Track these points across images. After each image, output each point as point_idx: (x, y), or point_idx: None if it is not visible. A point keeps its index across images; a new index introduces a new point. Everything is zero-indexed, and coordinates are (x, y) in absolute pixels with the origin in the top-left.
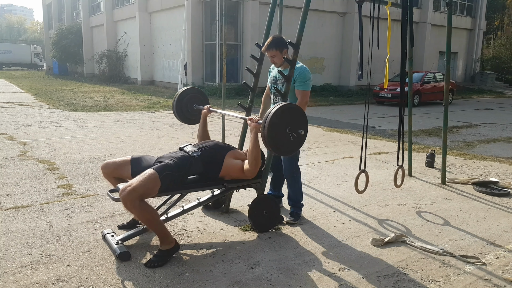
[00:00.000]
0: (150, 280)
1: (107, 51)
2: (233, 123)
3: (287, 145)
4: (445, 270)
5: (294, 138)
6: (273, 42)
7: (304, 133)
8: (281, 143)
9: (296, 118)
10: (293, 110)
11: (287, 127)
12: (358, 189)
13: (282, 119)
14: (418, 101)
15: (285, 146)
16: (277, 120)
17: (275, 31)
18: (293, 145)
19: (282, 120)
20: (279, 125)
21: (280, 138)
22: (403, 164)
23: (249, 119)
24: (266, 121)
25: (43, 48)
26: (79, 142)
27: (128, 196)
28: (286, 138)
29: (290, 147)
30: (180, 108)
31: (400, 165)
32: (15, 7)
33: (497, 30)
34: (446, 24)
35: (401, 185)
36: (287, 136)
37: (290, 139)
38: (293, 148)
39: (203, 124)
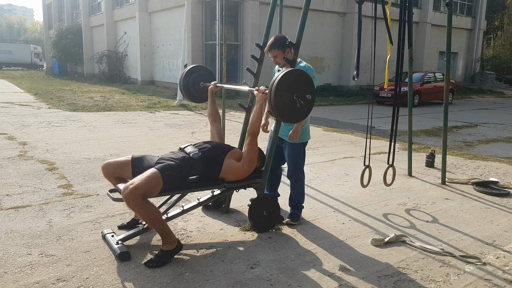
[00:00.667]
0: (150, 280)
1: (107, 51)
2: (233, 123)
3: (294, 112)
4: (445, 270)
5: (301, 105)
6: (275, 42)
7: (312, 98)
8: (288, 109)
9: (303, 84)
10: (300, 76)
11: (294, 93)
12: (363, 184)
13: (289, 85)
14: (418, 101)
15: (292, 113)
16: (284, 85)
17: (275, 31)
18: (300, 112)
19: (288, 85)
20: (286, 90)
21: (287, 104)
22: (393, 163)
23: (256, 89)
24: (273, 86)
25: (43, 48)
26: (79, 142)
27: (131, 194)
28: (293, 104)
29: (298, 114)
30: (187, 86)
31: (391, 164)
32: (15, 7)
33: (497, 30)
34: (446, 24)
35: (392, 184)
36: (294, 103)
37: (297, 105)
38: (301, 115)
39: (211, 100)
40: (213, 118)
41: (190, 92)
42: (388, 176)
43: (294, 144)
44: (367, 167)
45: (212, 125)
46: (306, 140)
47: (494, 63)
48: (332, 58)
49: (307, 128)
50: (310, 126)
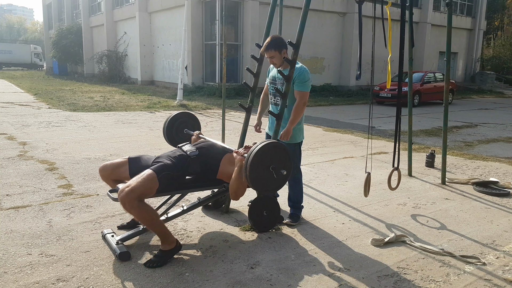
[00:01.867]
0: (150, 280)
1: (107, 51)
2: (233, 123)
3: (269, 183)
4: (445, 270)
5: (278, 176)
6: (272, 42)
7: (287, 173)
8: (264, 181)
9: (281, 157)
10: (276, 149)
11: (270, 166)
12: (391, 186)
13: (265, 159)
14: (418, 101)
15: (267, 184)
16: (258, 161)
17: (275, 31)
18: (275, 184)
19: (266, 157)
20: (262, 162)
21: (263, 176)
22: (399, 165)
23: (235, 151)
24: (248, 160)
25: (43, 48)
26: (79, 142)
27: (127, 197)
28: (269, 175)
29: (271, 185)
30: (170, 133)
31: (396, 167)
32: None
33: (497, 30)
34: (446, 24)
35: (397, 188)
36: (270, 174)
37: (274, 177)
38: (274, 187)
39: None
40: None
41: (174, 140)
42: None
43: (289, 144)
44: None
45: None
46: (301, 140)
47: (494, 63)
48: (332, 58)
49: (301, 128)
50: (311, 126)
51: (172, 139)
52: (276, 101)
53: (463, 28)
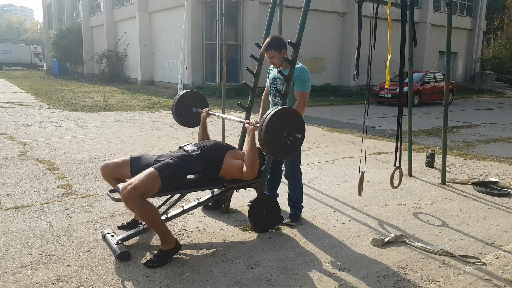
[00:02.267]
0: (150, 280)
1: (107, 51)
2: (233, 123)
3: (284, 149)
4: (445, 270)
5: (291, 142)
6: (272, 43)
7: (301, 136)
8: (278, 146)
9: (294, 121)
10: (290, 114)
11: (284, 131)
12: (394, 185)
13: (279, 123)
14: (418, 101)
15: (282, 150)
16: (274, 123)
17: (275, 31)
18: (290, 149)
19: (279, 123)
20: (276, 128)
21: (277, 142)
22: (400, 164)
23: (247, 122)
24: (263, 124)
25: (43, 48)
26: (79, 142)
27: (129, 194)
28: (283, 142)
29: (287, 151)
30: (179, 111)
31: (398, 166)
32: (15, 7)
33: (497, 30)
34: (446, 24)
35: (398, 186)
36: (284, 140)
37: (287, 142)
38: (290, 151)
39: (203, 127)
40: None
41: (182, 118)
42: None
43: None
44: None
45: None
46: None
47: (494, 63)
48: (332, 58)
49: None
50: (311, 126)
51: (181, 118)
52: (276, 101)
53: (463, 28)
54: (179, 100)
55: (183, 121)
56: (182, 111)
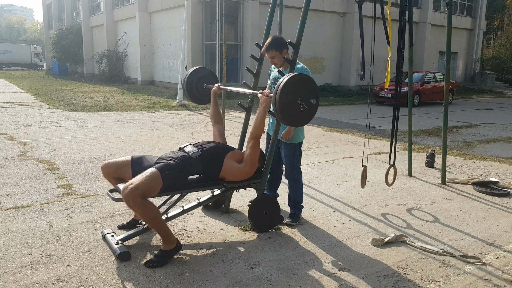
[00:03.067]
0: (150, 280)
1: (107, 51)
2: (233, 123)
3: (298, 116)
4: (445, 270)
5: (305, 110)
6: (272, 43)
7: (316, 102)
8: (292, 112)
9: (308, 88)
10: (305, 81)
11: (299, 98)
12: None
13: (294, 89)
14: (418, 101)
15: (295, 116)
16: (289, 89)
17: (275, 31)
18: (303, 116)
19: (294, 89)
20: (290, 94)
21: (291, 107)
22: (394, 163)
23: (260, 92)
24: (278, 89)
25: (43, 48)
26: (79, 142)
27: (130, 193)
28: (297, 109)
29: (301, 118)
30: (190, 87)
31: (392, 164)
32: (15, 7)
33: (497, 30)
34: (446, 24)
35: (393, 184)
36: (298, 107)
37: (301, 110)
38: (304, 119)
39: (214, 102)
40: (215, 120)
41: (193, 93)
42: (389, 176)
43: (290, 144)
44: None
45: (214, 126)
46: (301, 139)
47: (494, 63)
48: (332, 58)
49: (302, 128)
50: (311, 126)
51: (192, 94)
52: None
53: (463, 28)
54: (191, 76)
55: (194, 97)
56: (193, 87)
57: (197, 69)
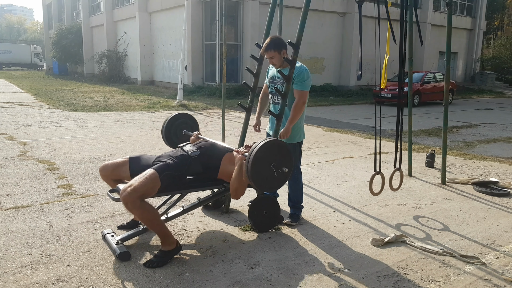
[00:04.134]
0: (150, 280)
1: (107, 51)
2: (233, 123)
3: (270, 181)
4: (445, 270)
5: (278, 175)
6: (271, 43)
7: (288, 171)
8: (264, 178)
9: (282, 155)
10: (279, 147)
11: (272, 163)
12: (393, 187)
13: (267, 154)
14: (418, 101)
15: (268, 182)
16: (262, 155)
17: (275, 31)
18: (276, 182)
19: (266, 155)
20: (264, 160)
21: (263, 173)
22: (400, 166)
23: (236, 150)
24: (250, 157)
25: (43, 48)
26: (79, 142)
27: (129, 196)
28: (270, 174)
29: (273, 183)
30: (168, 133)
31: (398, 168)
32: (15, 7)
33: (497, 30)
34: (446, 24)
35: (399, 189)
36: (271, 172)
37: (274, 175)
38: (276, 185)
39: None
40: None
41: (171, 139)
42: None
43: (290, 143)
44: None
45: None
46: (301, 139)
47: (494, 63)
48: (332, 58)
49: (302, 127)
50: (310, 126)
51: (170, 140)
52: (275, 100)
53: (463, 28)
54: (169, 122)
55: (171, 143)
56: (171, 134)
57: (177, 115)
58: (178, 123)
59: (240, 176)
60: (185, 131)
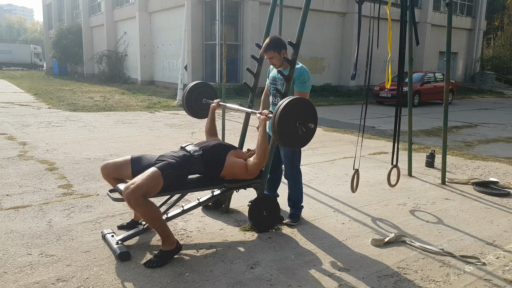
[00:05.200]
0: (150, 280)
1: (107, 51)
2: (233, 123)
3: (296, 138)
4: (445, 270)
5: (303, 132)
6: (270, 44)
7: (314, 126)
8: (290, 135)
9: (306, 112)
10: (303, 104)
11: (297, 121)
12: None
13: (293, 112)
14: (418, 101)
15: (293, 139)
16: (288, 112)
17: (275, 31)
18: (301, 139)
19: (292, 113)
20: (289, 117)
21: (289, 131)
22: (397, 163)
23: (259, 112)
24: (277, 113)
25: (43, 48)
26: (79, 142)
27: (132, 193)
28: (295, 131)
29: (299, 141)
30: (189, 101)
31: (395, 165)
32: (15, 7)
33: (497, 30)
34: (446, 24)
35: (396, 185)
36: (296, 130)
37: (299, 133)
38: (302, 142)
39: (211, 118)
40: (210, 134)
41: (191, 107)
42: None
43: None
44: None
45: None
46: None
47: (494, 63)
48: (332, 58)
49: None
50: None
51: (191, 109)
52: (276, 101)
53: (463, 28)
54: (191, 89)
55: (193, 111)
56: (192, 101)
57: (197, 84)
58: (199, 91)
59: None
60: (205, 99)
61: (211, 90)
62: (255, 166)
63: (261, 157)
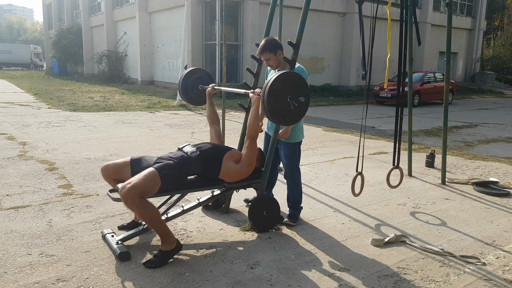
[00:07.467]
0: (150, 280)
1: (107, 51)
2: (233, 123)
3: (288, 114)
4: (445, 270)
5: (295, 108)
6: (266, 45)
7: (305, 100)
8: (281, 111)
9: (297, 86)
10: (293, 78)
11: (288, 96)
12: (391, 185)
13: (283, 87)
14: (418, 101)
15: (285, 115)
16: (278, 87)
17: (275, 31)
18: (293, 115)
19: (282, 88)
20: (279, 92)
21: (280, 106)
22: (399, 164)
23: (252, 91)
24: (266, 88)
25: (43, 48)
26: (79, 142)
27: (128, 193)
28: (287, 107)
29: (291, 116)
30: (185, 88)
31: (396, 165)
32: (15, 7)
33: (497, 30)
34: (446, 24)
35: (398, 186)
36: (287, 105)
37: (291, 108)
38: (294, 118)
39: (210, 102)
40: (212, 121)
41: (188, 95)
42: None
43: (289, 143)
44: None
45: (211, 127)
46: (300, 139)
47: (494, 63)
48: (332, 58)
49: (301, 127)
50: (311, 126)
51: (188, 95)
52: None
53: (463, 28)
54: (185, 77)
55: (189, 98)
56: (188, 88)
57: (192, 70)
58: (194, 78)
59: (257, 116)
60: (201, 85)
61: (207, 76)
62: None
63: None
